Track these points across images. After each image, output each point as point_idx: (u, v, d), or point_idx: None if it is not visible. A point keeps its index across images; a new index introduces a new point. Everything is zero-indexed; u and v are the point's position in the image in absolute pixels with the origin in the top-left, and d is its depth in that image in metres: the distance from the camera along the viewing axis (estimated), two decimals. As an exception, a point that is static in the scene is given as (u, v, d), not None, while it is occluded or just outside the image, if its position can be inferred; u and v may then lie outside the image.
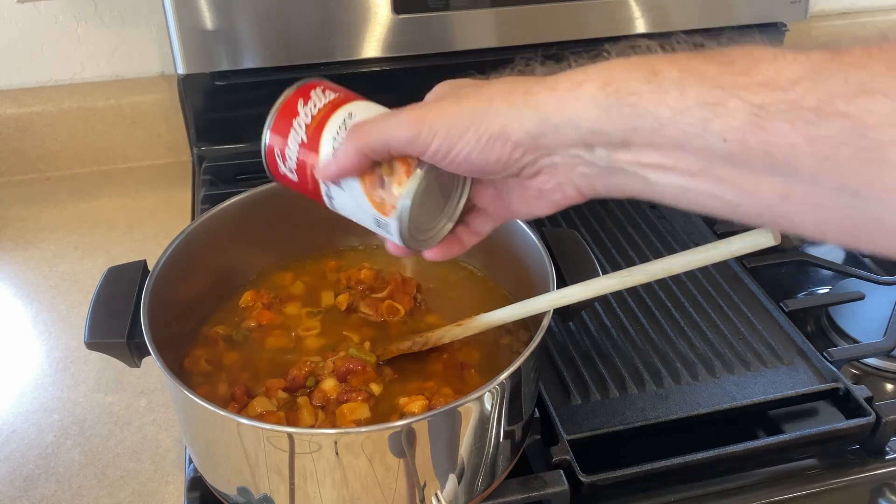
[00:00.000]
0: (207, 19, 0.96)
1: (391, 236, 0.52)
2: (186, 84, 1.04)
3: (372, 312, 0.74)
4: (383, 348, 0.68)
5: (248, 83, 1.03)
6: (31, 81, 1.09)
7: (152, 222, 1.02)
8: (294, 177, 0.53)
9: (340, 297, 0.75)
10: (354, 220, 0.54)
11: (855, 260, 0.94)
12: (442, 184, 0.52)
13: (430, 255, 0.56)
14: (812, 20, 1.30)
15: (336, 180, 0.52)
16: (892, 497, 0.70)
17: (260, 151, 0.54)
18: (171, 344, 0.65)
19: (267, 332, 0.72)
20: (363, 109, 0.52)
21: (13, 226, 1.01)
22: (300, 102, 0.52)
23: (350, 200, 0.52)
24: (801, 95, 0.37)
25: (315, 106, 0.52)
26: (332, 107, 0.52)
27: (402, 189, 0.49)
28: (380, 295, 0.74)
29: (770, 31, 1.19)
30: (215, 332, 0.72)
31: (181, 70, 0.99)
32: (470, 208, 0.56)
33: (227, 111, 1.07)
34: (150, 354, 0.59)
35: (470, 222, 0.57)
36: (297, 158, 0.52)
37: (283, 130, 0.52)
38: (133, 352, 0.63)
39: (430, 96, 0.51)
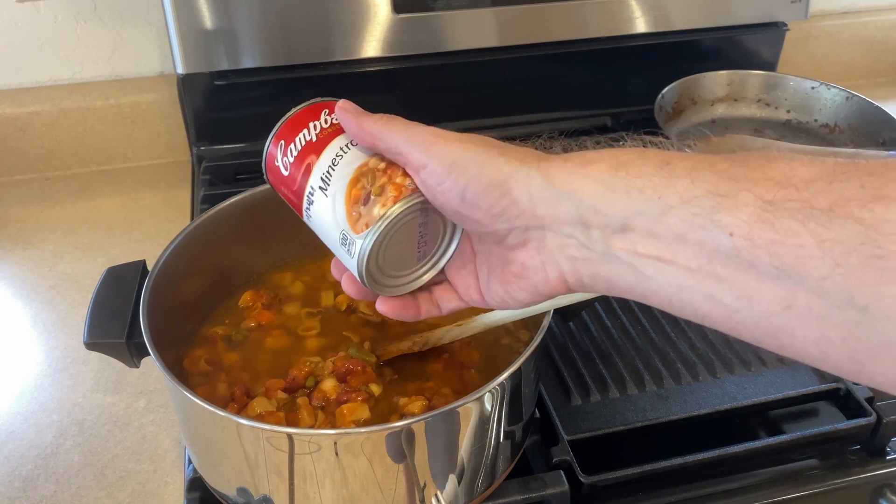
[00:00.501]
0: (207, 19, 0.96)
1: (351, 260, 0.50)
2: (186, 84, 1.04)
3: (372, 312, 0.73)
4: (383, 348, 0.68)
5: (247, 83, 1.03)
6: (30, 81, 1.09)
7: (152, 222, 1.01)
8: (286, 172, 0.52)
9: (340, 297, 0.75)
10: (321, 234, 0.52)
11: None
12: (424, 233, 0.50)
13: (381, 305, 0.54)
14: (812, 20, 1.30)
15: (357, 136, 0.50)
16: (893, 497, 0.70)
17: (261, 152, 0.54)
18: (171, 344, 0.65)
19: (266, 332, 0.72)
20: None
21: (12, 225, 1.01)
22: (325, 111, 0.52)
23: (327, 208, 0.50)
24: (814, 195, 0.35)
25: (334, 120, 0.52)
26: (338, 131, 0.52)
27: (384, 211, 0.47)
28: (380, 295, 0.74)
29: (770, 30, 1.19)
30: (215, 333, 0.71)
31: (181, 70, 0.99)
32: (439, 280, 0.53)
33: (226, 111, 1.07)
34: (149, 355, 0.59)
35: (434, 292, 0.54)
36: (298, 153, 0.52)
37: (300, 123, 0.52)
38: (132, 352, 0.63)
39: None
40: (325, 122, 0.52)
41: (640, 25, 1.12)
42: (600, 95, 1.20)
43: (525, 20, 1.07)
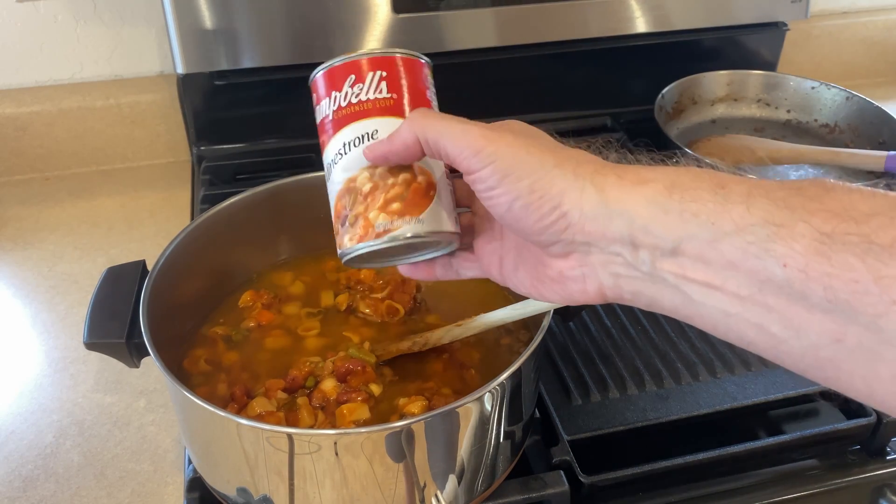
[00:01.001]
0: (207, 19, 0.96)
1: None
2: (186, 84, 1.04)
3: (371, 312, 0.73)
4: (383, 348, 0.68)
5: (247, 83, 1.03)
6: (30, 81, 1.09)
7: (151, 222, 1.01)
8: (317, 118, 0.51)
9: (340, 297, 0.75)
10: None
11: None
12: (416, 245, 0.49)
13: (404, 269, 0.54)
14: (812, 20, 1.30)
15: (378, 158, 0.48)
16: (893, 497, 0.70)
17: (260, 152, 0.54)
18: (171, 344, 0.65)
19: (266, 332, 0.72)
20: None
21: (12, 226, 1.01)
22: (350, 78, 0.49)
23: (329, 193, 0.50)
24: (874, 230, 0.34)
25: (379, 89, 0.48)
26: (377, 111, 0.49)
27: (351, 246, 0.48)
28: (379, 295, 0.74)
29: (770, 30, 1.19)
30: (214, 333, 0.71)
31: (180, 70, 0.99)
32: (464, 246, 0.52)
33: (226, 111, 1.07)
34: (149, 355, 0.59)
35: (456, 255, 0.53)
36: (321, 121, 0.50)
37: (328, 86, 0.50)
38: (132, 352, 0.63)
39: (501, 125, 0.47)
40: (344, 97, 0.48)
41: (641, 25, 1.12)
42: (600, 95, 1.20)
43: (525, 20, 1.07)
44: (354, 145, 0.48)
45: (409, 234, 0.47)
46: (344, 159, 0.48)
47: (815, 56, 1.35)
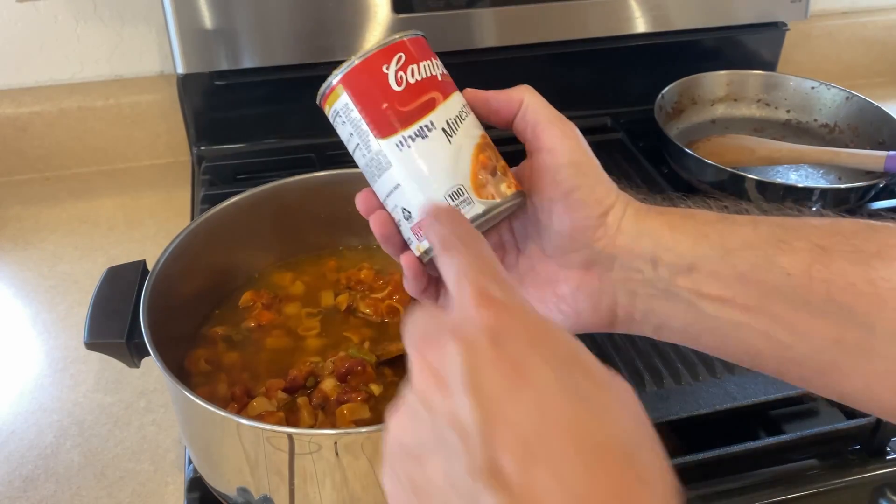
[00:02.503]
0: (207, 19, 0.96)
1: (463, 211, 0.47)
2: (186, 84, 1.04)
3: (371, 312, 0.73)
4: (383, 348, 0.68)
5: (247, 83, 1.03)
6: (30, 81, 1.08)
7: (152, 222, 1.01)
8: (397, 86, 0.47)
9: (340, 297, 0.75)
10: (410, 168, 0.47)
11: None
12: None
13: (406, 258, 0.51)
14: (812, 20, 1.30)
15: (480, 100, 0.49)
16: (893, 497, 0.70)
17: (260, 152, 0.54)
18: (171, 344, 0.65)
19: (267, 332, 0.72)
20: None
21: (12, 226, 1.01)
22: (434, 54, 0.50)
23: (447, 154, 0.47)
24: (861, 242, 0.40)
25: (443, 67, 0.50)
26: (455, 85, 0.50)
27: (510, 193, 0.47)
28: (380, 295, 0.74)
29: (770, 30, 1.19)
30: (215, 333, 0.72)
31: (180, 70, 0.99)
32: None
33: (226, 111, 1.07)
34: (149, 355, 0.59)
35: None
36: (423, 80, 0.48)
37: (421, 51, 0.49)
38: (132, 352, 0.63)
39: None
40: (442, 67, 0.50)
41: (640, 25, 1.12)
42: (600, 95, 1.20)
43: (525, 20, 1.07)
44: (469, 109, 0.49)
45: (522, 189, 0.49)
46: (469, 117, 0.49)
47: (814, 56, 1.35)
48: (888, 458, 0.70)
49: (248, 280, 0.78)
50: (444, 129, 0.47)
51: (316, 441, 0.53)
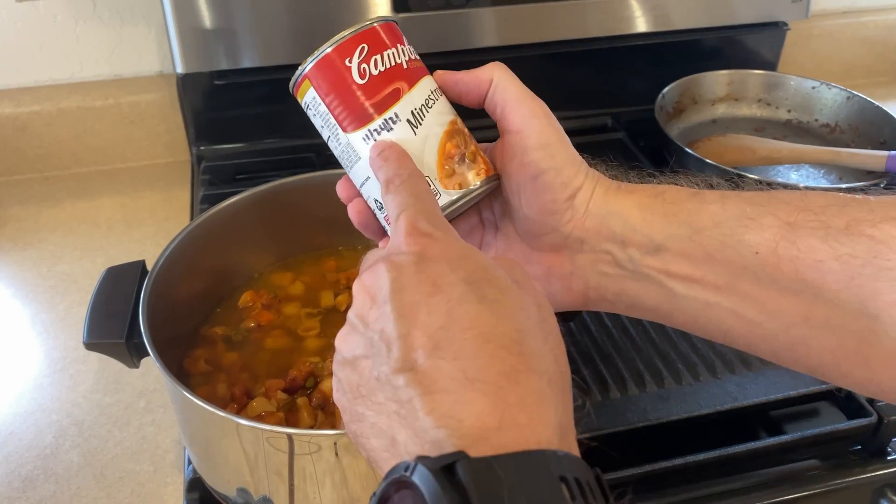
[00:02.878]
0: (206, 18, 0.96)
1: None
2: (185, 83, 1.04)
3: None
4: (383, 349, 0.68)
5: (247, 82, 1.03)
6: (29, 81, 1.08)
7: (151, 222, 1.01)
8: (360, 79, 0.47)
9: (340, 297, 0.75)
10: (368, 174, 0.47)
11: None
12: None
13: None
14: (813, 19, 1.30)
15: (449, 82, 0.49)
16: (894, 497, 0.70)
17: (260, 152, 0.53)
18: (170, 344, 0.65)
19: (266, 332, 0.72)
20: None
21: (12, 226, 1.01)
22: (405, 38, 0.50)
23: (413, 146, 0.47)
24: (830, 217, 0.39)
25: (414, 53, 0.49)
26: (427, 70, 0.50)
27: (479, 181, 0.47)
28: (380, 295, 0.74)
29: (771, 30, 1.19)
30: (214, 333, 0.71)
31: (180, 69, 0.99)
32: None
33: (226, 110, 1.07)
34: (148, 355, 0.59)
35: None
36: (387, 70, 0.47)
37: (386, 39, 0.49)
38: (132, 352, 0.63)
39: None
40: (410, 52, 0.49)
41: (641, 25, 1.12)
42: (601, 95, 1.20)
43: (525, 20, 1.06)
44: (439, 94, 0.49)
45: (496, 173, 0.49)
46: (437, 104, 0.48)
47: (815, 56, 1.35)
48: (889, 458, 0.70)
49: (248, 280, 0.78)
50: (408, 121, 0.47)
51: (316, 441, 0.52)
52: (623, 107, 1.19)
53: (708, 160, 0.98)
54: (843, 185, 1.01)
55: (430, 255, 0.36)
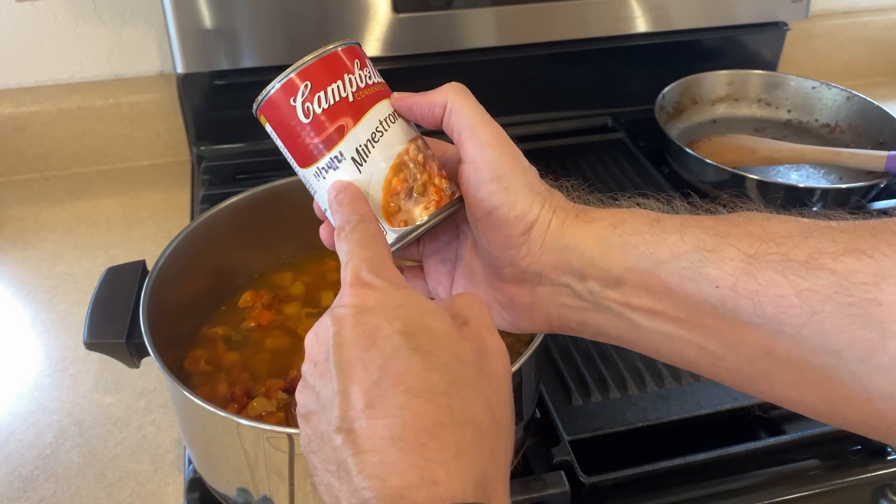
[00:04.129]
0: (206, 18, 0.96)
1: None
2: (185, 83, 1.04)
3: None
4: (383, 349, 0.68)
5: (247, 82, 1.03)
6: (29, 81, 1.08)
7: (151, 222, 1.01)
8: (305, 119, 0.47)
9: (340, 297, 0.75)
10: (325, 206, 0.49)
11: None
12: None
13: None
14: (813, 19, 1.30)
15: (404, 107, 0.47)
16: (894, 497, 0.70)
17: (261, 152, 0.53)
18: (171, 344, 0.65)
19: (266, 332, 0.72)
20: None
21: (12, 226, 1.01)
22: (357, 63, 0.48)
23: (359, 185, 0.47)
24: (791, 249, 0.38)
25: (371, 77, 0.48)
26: (384, 93, 0.49)
27: (427, 215, 0.47)
28: (380, 295, 0.74)
29: (771, 30, 1.19)
30: (215, 333, 0.71)
31: (180, 69, 0.99)
32: (412, 263, 0.53)
33: (226, 111, 1.07)
34: (149, 355, 0.59)
35: (404, 272, 0.53)
36: (330, 107, 0.47)
37: (330, 73, 0.47)
38: (132, 352, 0.63)
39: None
40: (360, 78, 0.48)
41: (641, 25, 1.12)
42: (601, 95, 1.20)
43: (525, 20, 1.06)
44: (391, 121, 0.48)
45: (459, 195, 0.48)
46: (386, 135, 0.47)
47: (815, 56, 1.35)
48: (889, 458, 0.70)
49: (248, 280, 0.78)
50: (353, 159, 0.47)
51: (316, 441, 0.52)
52: (623, 107, 1.19)
53: (708, 160, 0.98)
54: (843, 186, 1.02)
55: (368, 307, 0.38)
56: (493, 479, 0.34)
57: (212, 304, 0.74)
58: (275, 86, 0.47)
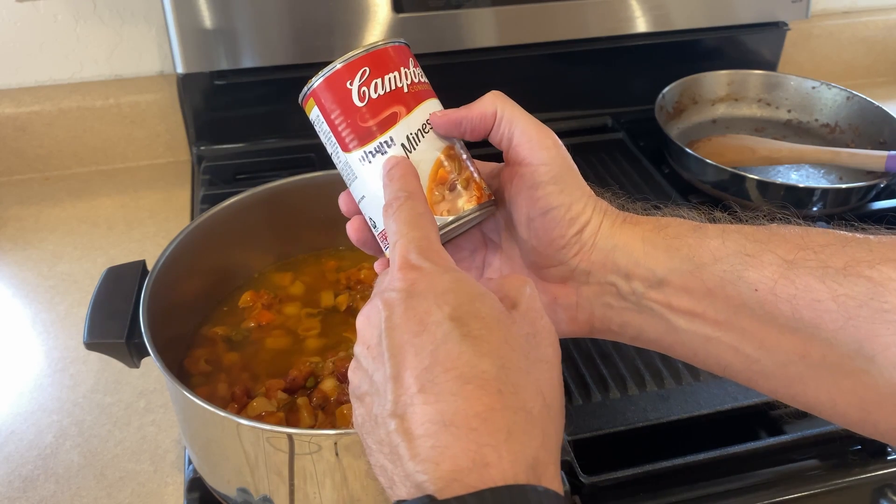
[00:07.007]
0: (207, 18, 0.96)
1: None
2: (185, 83, 1.04)
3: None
4: (383, 349, 0.68)
5: (247, 83, 1.03)
6: (29, 81, 1.08)
7: (151, 222, 1.01)
8: (360, 102, 0.48)
9: (340, 297, 0.75)
10: (366, 183, 0.48)
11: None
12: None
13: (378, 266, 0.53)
14: (813, 19, 1.30)
15: (452, 123, 0.48)
16: (894, 497, 0.70)
17: (260, 152, 0.53)
18: (171, 344, 0.65)
19: (266, 332, 0.72)
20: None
21: (12, 226, 1.01)
22: (412, 61, 0.50)
23: None
24: (829, 257, 0.40)
25: (422, 76, 0.50)
26: (432, 93, 0.50)
27: (470, 208, 0.47)
28: (380, 295, 0.74)
29: (771, 30, 1.19)
30: (215, 333, 0.71)
31: (180, 69, 0.99)
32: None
33: (226, 111, 1.07)
34: (149, 355, 0.59)
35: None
36: (386, 94, 0.48)
37: (389, 63, 0.48)
38: (132, 352, 0.63)
39: None
40: (414, 74, 0.49)
41: (641, 25, 1.12)
42: (601, 95, 1.20)
43: (525, 20, 1.06)
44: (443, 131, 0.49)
45: (494, 198, 0.49)
46: (434, 130, 0.48)
47: (815, 56, 1.35)
48: (889, 458, 0.70)
49: (248, 280, 0.78)
50: (403, 145, 0.47)
51: (316, 441, 0.52)
52: (623, 107, 1.19)
53: (708, 160, 0.99)
54: (843, 186, 1.02)
55: (417, 291, 0.38)
56: (544, 461, 0.35)
57: (212, 304, 0.74)
58: (336, 66, 0.48)
